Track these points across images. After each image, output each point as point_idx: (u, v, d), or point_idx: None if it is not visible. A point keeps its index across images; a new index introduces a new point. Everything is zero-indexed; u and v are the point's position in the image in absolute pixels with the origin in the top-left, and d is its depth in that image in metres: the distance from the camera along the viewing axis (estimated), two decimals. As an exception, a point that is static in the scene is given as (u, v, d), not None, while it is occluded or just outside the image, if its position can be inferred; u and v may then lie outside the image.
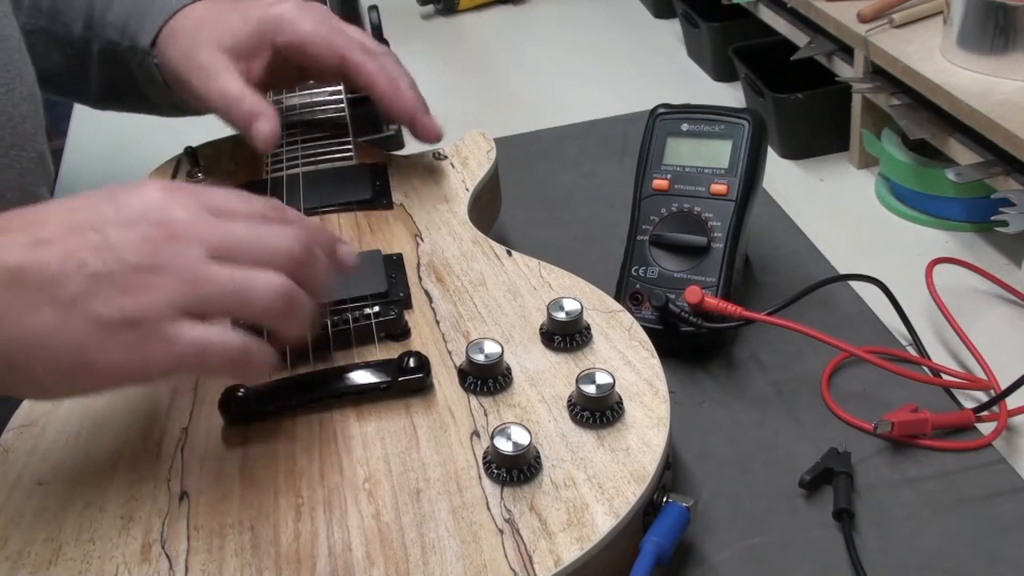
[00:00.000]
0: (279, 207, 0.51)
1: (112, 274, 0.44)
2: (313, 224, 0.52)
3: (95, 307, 0.44)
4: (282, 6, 0.68)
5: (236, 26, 0.68)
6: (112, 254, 0.45)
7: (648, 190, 0.68)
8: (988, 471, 0.57)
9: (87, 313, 0.44)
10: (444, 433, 0.52)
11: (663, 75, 1.07)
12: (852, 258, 0.74)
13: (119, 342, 0.44)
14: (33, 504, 0.50)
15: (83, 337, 0.44)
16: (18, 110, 0.66)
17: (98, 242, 0.45)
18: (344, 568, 0.46)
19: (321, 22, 0.68)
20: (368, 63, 0.68)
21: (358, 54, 0.68)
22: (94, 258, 0.44)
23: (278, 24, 0.68)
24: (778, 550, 0.53)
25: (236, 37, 0.67)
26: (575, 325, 0.57)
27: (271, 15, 0.68)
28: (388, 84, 0.68)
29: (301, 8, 0.69)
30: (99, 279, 0.44)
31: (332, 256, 0.52)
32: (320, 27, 0.68)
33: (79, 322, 0.44)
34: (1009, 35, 0.72)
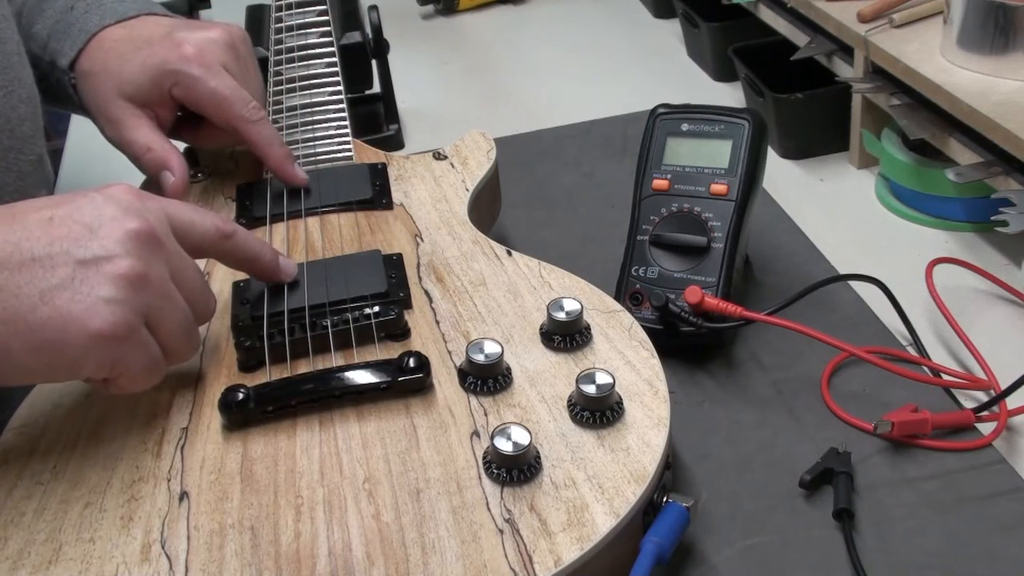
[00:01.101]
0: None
1: (98, 260, 0.48)
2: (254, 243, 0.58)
3: (85, 288, 0.47)
4: (183, 52, 0.68)
5: (135, 76, 0.68)
6: (98, 243, 0.48)
7: (648, 190, 0.68)
8: (988, 471, 0.57)
9: (76, 293, 0.47)
10: (444, 433, 0.52)
11: (663, 75, 1.07)
12: (852, 258, 0.74)
13: (102, 322, 0.47)
14: (33, 504, 0.50)
15: (65, 313, 0.47)
16: (16, 113, 0.66)
17: (82, 232, 0.48)
18: (344, 568, 0.46)
19: (217, 76, 0.68)
20: (259, 136, 0.69)
21: (247, 126, 0.69)
22: (78, 247, 0.48)
23: (175, 78, 0.68)
24: (778, 550, 0.53)
25: (137, 87, 0.68)
26: (575, 325, 0.57)
27: (168, 69, 0.68)
28: (275, 155, 0.70)
29: (203, 52, 0.68)
30: (86, 264, 0.48)
31: (275, 266, 0.59)
32: (219, 87, 0.68)
33: (66, 299, 0.47)
34: (1009, 35, 0.72)
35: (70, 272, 0.47)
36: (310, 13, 0.85)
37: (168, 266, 0.50)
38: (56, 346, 0.47)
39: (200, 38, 0.69)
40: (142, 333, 0.49)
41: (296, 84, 0.79)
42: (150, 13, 0.73)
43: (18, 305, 0.46)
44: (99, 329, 0.47)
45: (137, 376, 0.50)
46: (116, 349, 0.48)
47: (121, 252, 0.48)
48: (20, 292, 0.47)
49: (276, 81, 0.80)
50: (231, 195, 0.72)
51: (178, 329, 0.51)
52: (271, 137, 0.70)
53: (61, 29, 0.72)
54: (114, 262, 0.48)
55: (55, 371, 0.49)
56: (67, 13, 0.72)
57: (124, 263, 0.48)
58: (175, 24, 0.71)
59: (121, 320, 0.48)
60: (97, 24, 0.71)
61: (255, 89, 0.72)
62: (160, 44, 0.69)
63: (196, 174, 0.74)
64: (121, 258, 0.48)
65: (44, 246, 0.48)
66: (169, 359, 0.52)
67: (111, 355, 0.48)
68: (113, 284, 0.48)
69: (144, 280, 0.49)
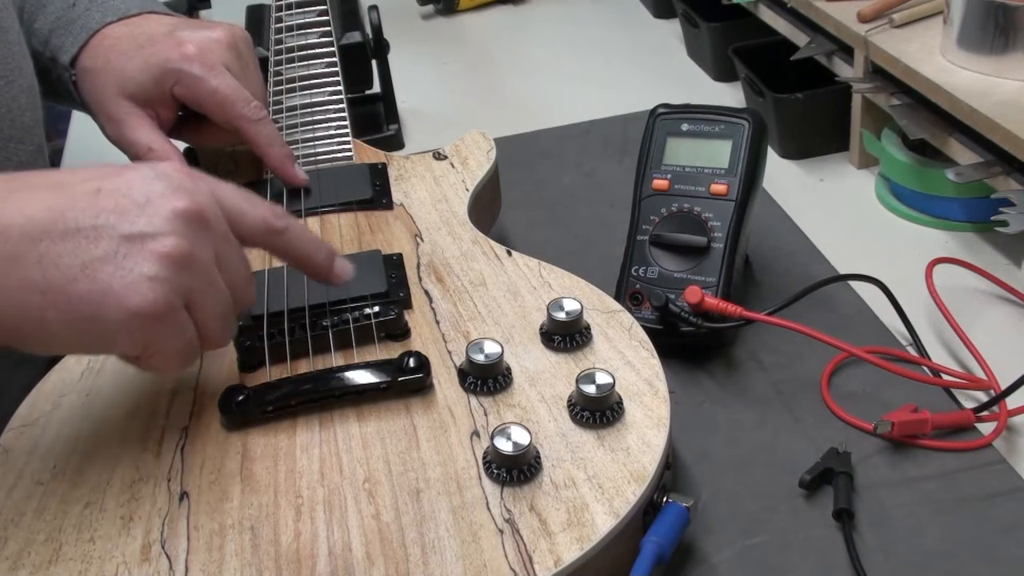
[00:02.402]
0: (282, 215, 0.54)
1: (144, 237, 0.47)
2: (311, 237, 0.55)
3: (128, 264, 0.46)
4: (184, 51, 0.68)
5: (137, 74, 0.68)
6: (145, 219, 0.47)
7: (648, 190, 0.68)
8: (988, 471, 0.57)
9: (118, 268, 0.46)
10: (444, 433, 0.52)
11: (663, 75, 1.07)
12: (852, 258, 0.74)
13: (140, 298, 0.46)
14: (33, 504, 0.50)
15: (105, 288, 0.46)
16: (17, 103, 0.66)
17: (130, 207, 0.47)
18: (344, 568, 0.46)
19: (219, 76, 0.68)
20: (260, 135, 0.69)
21: (248, 125, 0.68)
22: (125, 221, 0.47)
23: (177, 77, 0.68)
24: (778, 550, 0.53)
25: (139, 85, 0.68)
26: (575, 325, 0.57)
27: (169, 68, 0.67)
28: (275, 155, 0.70)
29: (205, 52, 0.68)
30: (131, 240, 0.47)
31: (329, 267, 0.55)
32: (221, 86, 0.67)
33: (108, 273, 0.46)
34: (1009, 35, 0.72)
35: (114, 246, 0.46)
36: (310, 13, 0.85)
37: (214, 249, 0.49)
38: (92, 320, 0.46)
39: (202, 37, 0.69)
40: (181, 315, 0.48)
41: (296, 84, 0.79)
42: (152, 11, 0.73)
43: (58, 276, 0.45)
44: (138, 306, 0.46)
45: (170, 358, 0.49)
46: (153, 328, 0.47)
47: (168, 230, 0.47)
48: (61, 262, 0.46)
49: (276, 81, 0.80)
50: None
51: (217, 314, 0.50)
52: (272, 137, 0.70)
53: (63, 25, 0.72)
54: (159, 240, 0.47)
55: (88, 345, 0.48)
56: (69, 9, 0.72)
57: (169, 241, 0.47)
58: (177, 23, 0.71)
59: (161, 299, 0.46)
60: (99, 21, 0.71)
61: (256, 89, 0.72)
62: (162, 43, 0.69)
63: None
64: (167, 236, 0.47)
65: (90, 217, 0.46)
66: (204, 344, 0.50)
67: (147, 334, 0.47)
68: (157, 262, 0.46)
69: (188, 261, 0.47)
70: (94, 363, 0.59)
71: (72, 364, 0.59)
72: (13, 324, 0.46)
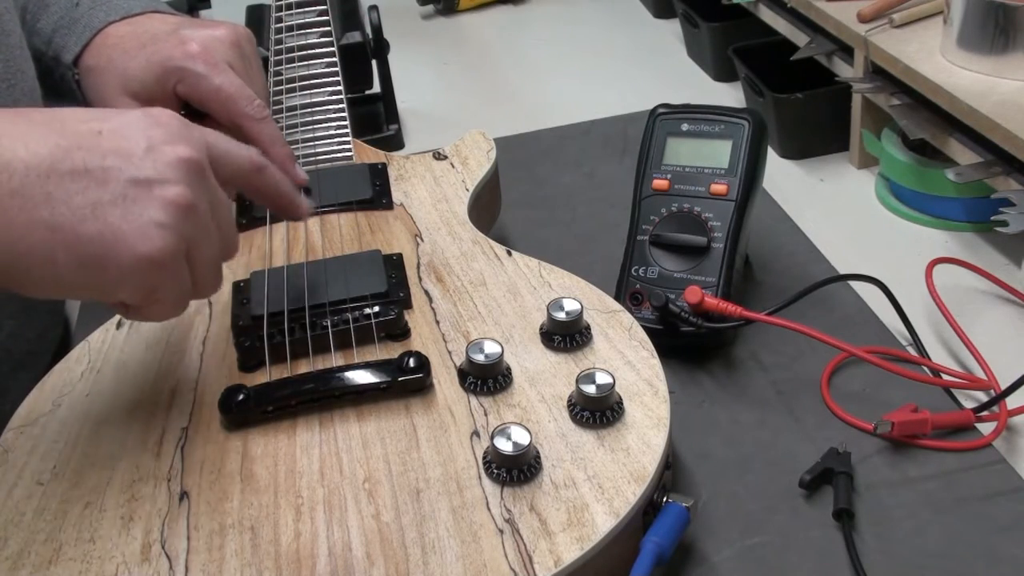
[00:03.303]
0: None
1: (151, 182, 0.47)
2: None
3: (137, 209, 0.46)
4: (188, 49, 0.67)
5: (140, 72, 0.67)
6: (151, 165, 0.47)
7: (648, 190, 0.68)
8: (988, 471, 0.57)
9: (127, 212, 0.46)
10: (444, 433, 0.52)
11: (663, 75, 1.07)
12: (852, 258, 0.74)
13: (148, 241, 0.46)
14: (33, 504, 0.50)
15: (116, 231, 0.45)
16: (19, 105, 0.66)
17: (135, 151, 0.47)
18: (344, 568, 0.46)
19: (223, 74, 0.67)
20: (263, 133, 0.68)
21: (252, 123, 0.68)
22: (131, 165, 0.47)
23: (180, 75, 0.67)
24: (778, 550, 0.53)
25: (142, 83, 0.67)
26: (575, 325, 0.57)
27: (172, 66, 0.67)
28: (278, 155, 0.68)
29: (208, 50, 0.68)
30: (138, 184, 0.46)
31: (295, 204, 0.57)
32: (225, 84, 0.67)
33: (117, 216, 0.46)
34: (1009, 35, 0.72)
35: (122, 189, 0.46)
36: (310, 13, 0.85)
37: (209, 199, 0.49)
38: (101, 263, 0.46)
39: (205, 35, 0.69)
40: (183, 262, 0.48)
41: (296, 84, 0.79)
42: (155, 10, 0.73)
43: (69, 215, 0.45)
44: (147, 252, 0.46)
45: (167, 306, 0.49)
46: (157, 275, 0.47)
47: (174, 178, 0.47)
48: (71, 201, 0.45)
49: (276, 81, 0.80)
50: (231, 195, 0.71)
51: (211, 263, 0.50)
52: (275, 136, 0.70)
53: (66, 25, 0.72)
54: (166, 187, 0.47)
55: (93, 288, 0.47)
56: (72, 9, 0.72)
57: (176, 189, 0.47)
58: (180, 22, 0.71)
59: (170, 246, 0.47)
60: (102, 20, 0.71)
61: (259, 88, 0.72)
62: (165, 41, 0.68)
63: None
64: (173, 184, 0.47)
65: (97, 158, 0.46)
66: (196, 292, 0.50)
67: (151, 280, 0.47)
68: (164, 209, 0.46)
69: (192, 209, 0.48)
70: (94, 363, 0.59)
71: (72, 364, 0.59)
72: (20, 263, 0.45)
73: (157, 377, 0.57)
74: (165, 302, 0.49)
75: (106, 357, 0.59)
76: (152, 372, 0.58)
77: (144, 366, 0.58)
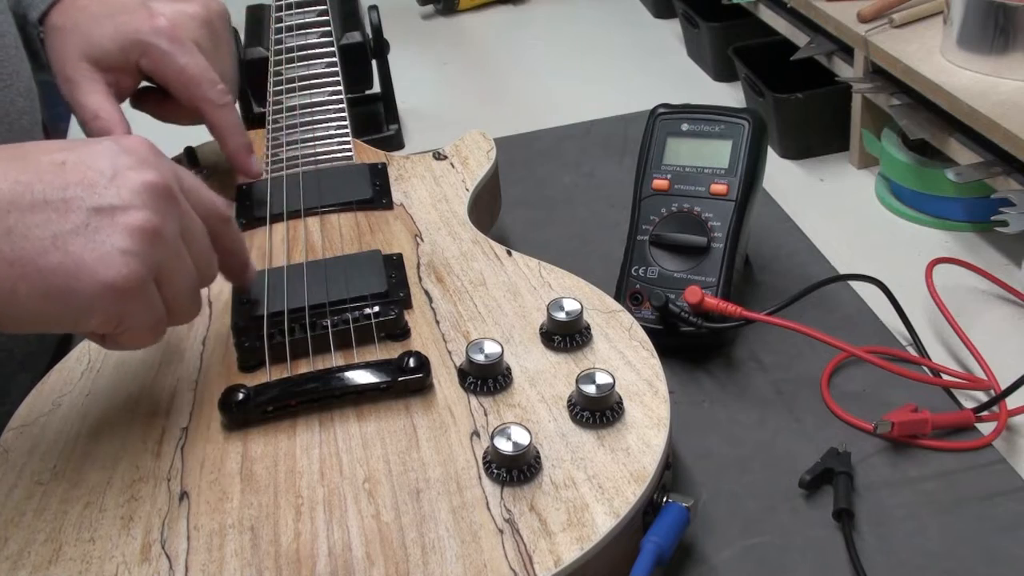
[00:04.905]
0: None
1: (114, 209, 0.46)
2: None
3: (100, 237, 0.46)
4: (156, 23, 0.67)
5: (104, 41, 0.67)
6: (114, 192, 0.46)
7: (648, 190, 0.68)
8: (988, 471, 0.57)
9: (90, 240, 0.45)
10: (444, 433, 0.52)
11: (663, 75, 1.07)
12: (852, 258, 0.74)
13: (110, 270, 0.46)
14: (33, 504, 0.50)
15: (78, 260, 0.45)
16: (15, 106, 0.66)
17: (97, 179, 0.47)
18: (344, 568, 0.46)
19: (188, 54, 0.67)
20: (222, 120, 0.68)
21: (212, 108, 0.68)
22: (93, 194, 0.46)
23: (144, 49, 0.66)
24: (778, 550, 0.53)
25: (104, 51, 0.67)
26: (575, 325, 0.57)
27: (138, 40, 0.66)
28: (234, 143, 0.70)
29: (176, 27, 0.67)
30: (101, 212, 0.46)
31: (245, 268, 0.57)
32: (188, 65, 0.66)
33: (79, 245, 0.45)
34: (1009, 35, 0.72)
35: (84, 219, 0.46)
36: (310, 13, 0.85)
37: (179, 224, 0.49)
38: (65, 293, 0.45)
39: (176, 11, 0.68)
40: (152, 289, 0.48)
41: (296, 84, 0.79)
42: None
43: (28, 248, 0.45)
44: (112, 280, 0.45)
45: (140, 333, 0.49)
46: (126, 303, 0.46)
47: (138, 203, 0.47)
48: (31, 234, 0.45)
49: (276, 81, 0.80)
50: (231, 195, 0.72)
51: (185, 289, 0.50)
52: (233, 124, 0.68)
53: None
54: (130, 213, 0.46)
55: (60, 320, 0.47)
56: None
57: (140, 215, 0.46)
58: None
59: (135, 273, 0.46)
60: None
61: (226, 70, 0.71)
62: (134, 12, 0.67)
63: (196, 174, 0.74)
64: (138, 210, 0.46)
65: (58, 190, 0.46)
66: (172, 319, 0.50)
67: (120, 308, 0.47)
68: (129, 235, 0.46)
69: (159, 235, 0.47)
70: (94, 363, 0.59)
71: (72, 364, 0.59)
72: None
73: (157, 377, 0.57)
74: (137, 330, 0.48)
75: (106, 357, 0.59)
76: (152, 372, 0.58)
77: (144, 366, 0.58)
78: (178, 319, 0.51)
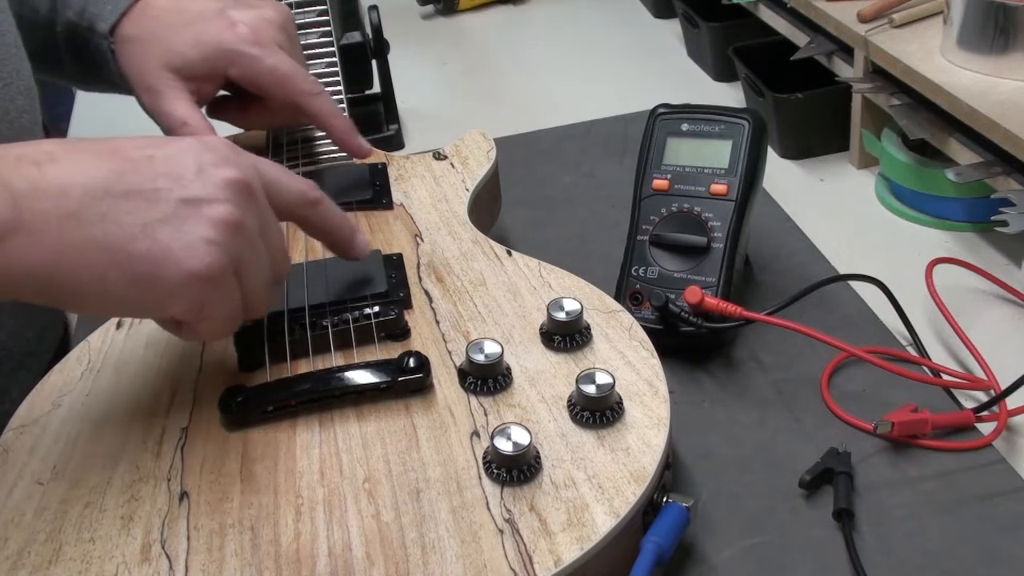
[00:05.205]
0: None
1: (200, 202, 0.48)
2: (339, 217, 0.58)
3: (186, 227, 0.48)
4: (238, 32, 0.67)
5: (186, 50, 0.67)
6: (200, 185, 0.49)
7: (648, 190, 0.68)
8: (988, 471, 0.57)
9: (177, 230, 0.47)
10: (444, 433, 0.52)
11: (663, 75, 1.07)
12: (852, 258, 0.74)
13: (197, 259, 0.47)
14: (33, 504, 0.50)
15: (165, 248, 0.47)
16: (14, 104, 0.66)
17: (184, 173, 0.49)
18: (344, 568, 0.46)
19: (275, 54, 0.68)
20: (322, 108, 0.69)
21: (309, 99, 0.69)
22: (181, 186, 0.48)
23: (230, 58, 0.67)
24: (778, 550, 0.53)
25: (186, 60, 0.67)
26: (575, 325, 0.57)
27: (224, 49, 0.67)
28: (339, 127, 0.70)
29: (258, 32, 0.68)
30: (188, 204, 0.48)
31: (352, 241, 0.58)
32: (279, 64, 0.67)
33: (167, 234, 0.47)
34: (1009, 35, 0.72)
35: (172, 209, 0.48)
36: (310, 13, 0.85)
37: (258, 219, 0.51)
38: (151, 280, 0.47)
39: (254, 17, 0.69)
40: (232, 280, 0.49)
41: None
42: None
43: (120, 234, 0.46)
44: (196, 268, 0.47)
45: (218, 323, 0.50)
46: (207, 291, 0.48)
47: (221, 197, 0.49)
48: (123, 221, 0.47)
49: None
50: None
51: (261, 283, 0.51)
52: (333, 109, 0.70)
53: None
54: (214, 206, 0.48)
55: (144, 306, 0.49)
56: None
57: (224, 208, 0.48)
58: (225, 1, 0.71)
59: (218, 262, 0.48)
60: None
61: (304, 66, 0.72)
62: (213, 21, 0.68)
63: None
64: (221, 203, 0.48)
65: (148, 180, 0.48)
66: (248, 311, 0.52)
67: (201, 297, 0.48)
68: (213, 226, 0.48)
69: (240, 228, 0.49)
70: (94, 363, 0.59)
71: (72, 364, 0.59)
72: (74, 282, 0.46)
73: (157, 377, 0.57)
74: (215, 318, 0.50)
75: (106, 357, 0.59)
76: (152, 372, 0.58)
77: (144, 366, 0.58)
78: (253, 312, 0.52)
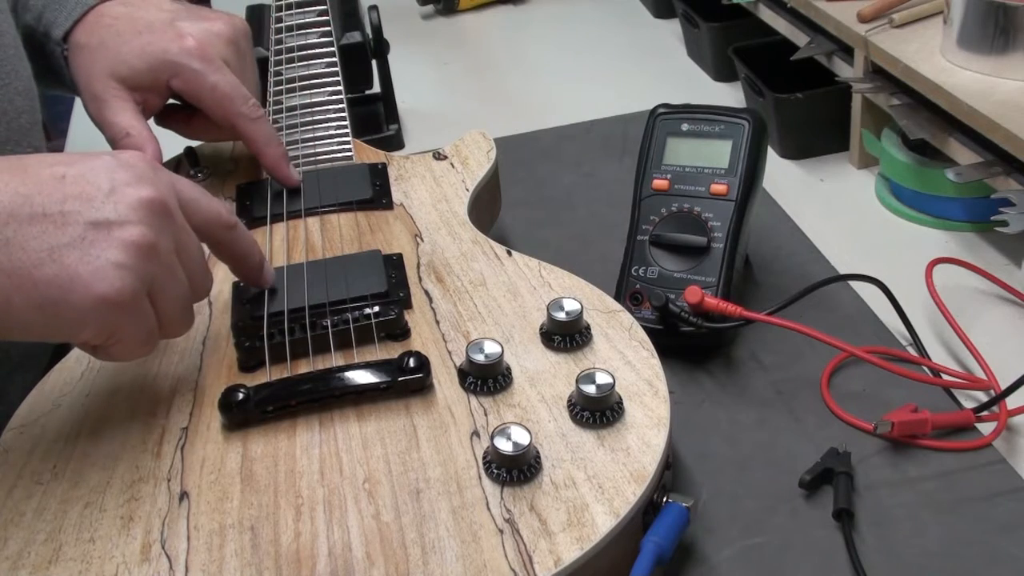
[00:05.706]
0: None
1: (110, 224, 0.47)
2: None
3: (94, 251, 0.47)
4: (185, 44, 0.67)
5: (133, 59, 0.67)
6: (111, 207, 0.48)
7: (648, 190, 0.68)
8: (988, 471, 0.57)
9: (85, 254, 0.46)
10: (444, 433, 0.52)
11: (663, 75, 1.07)
12: (852, 258, 0.74)
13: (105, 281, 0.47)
14: (33, 504, 0.50)
15: (72, 273, 0.46)
16: (13, 105, 0.66)
17: (95, 194, 0.48)
18: (344, 568, 0.46)
19: (218, 71, 0.67)
20: (257, 134, 0.69)
21: (246, 123, 0.69)
22: (91, 208, 0.47)
23: (175, 70, 0.67)
24: (778, 550, 0.53)
25: (132, 70, 0.67)
26: (575, 325, 0.57)
27: (168, 60, 0.67)
28: (271, 155, 0.70)
29: (204, 46, 0.68)
30: (97, 227, 0.47)
31: (260, 271, 0.59)
32: (220, 82, 0.67)
33: (74, 258, 0.46)
34: (1009, 35, 0.72)
35: (80, 232, 0.47)
36: (310, 13, 0.85)
37: (174, 239, 0.50)
38: (59, 305, 0.46)
39: (203, 30, 0.68)
40: (145, 302, 0.49)
41: (296, 84, 0.79)
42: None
43: (25, 259, 0.46)
44: (104, 293, 0.47)
45: (131, 346, 0.50)
46: (118, 316, 0.48)
47: (133, 219, 0.48)
48: (28, 246, 0.46)
49: (276, 81, 0.80)
50: (231, 195, 0.72)
51: (177, 304, 0.51)
52: (269, 136, 0.69)
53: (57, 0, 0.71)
54: (125, 228, 0.47)
55: (54, 330, 0.48)
56: None
57: (136, 230, 0.48)
58: (178, 11, 0.70)
59: (128, 286, 0.47)
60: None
61: (252, 85, 0.72)
62: (162, 32, 0.68)
63: (196, 174, 0.74)
64: (133, 225, 0.48)
65: (56, 203, 0.47)
66: (163, 333, 0.51)
67: (112, 321, 0.48)
68: (123, 250, 0.47)
69: (153, 250, 0.48)
70: (94, 363, 0.59)
71: (72, 364, 0.59)
72: None
73: (157, 377, 0.57)
74: (129, 342, 0.49)
75: (106, 357, 0.59)
76: (152, 372, 0.58)
77: (144, 366, 0.58)
78: (170, 332, 0.52)
